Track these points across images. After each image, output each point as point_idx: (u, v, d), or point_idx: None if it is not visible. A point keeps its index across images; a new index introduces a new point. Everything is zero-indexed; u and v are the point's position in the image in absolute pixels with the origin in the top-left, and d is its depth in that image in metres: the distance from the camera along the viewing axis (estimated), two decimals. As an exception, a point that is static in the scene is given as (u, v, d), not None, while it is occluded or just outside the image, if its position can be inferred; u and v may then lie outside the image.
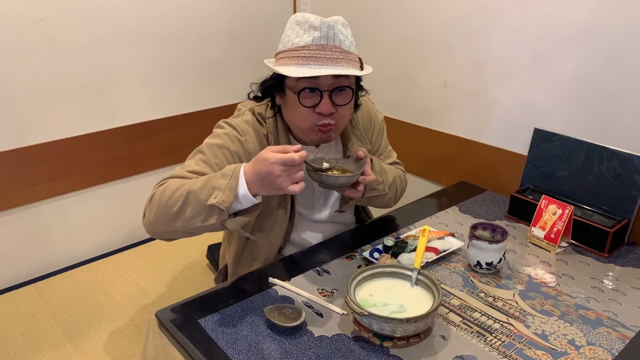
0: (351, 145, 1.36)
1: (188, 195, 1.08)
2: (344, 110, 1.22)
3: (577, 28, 1.52)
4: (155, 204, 1.12)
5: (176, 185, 1.11)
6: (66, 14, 1.83)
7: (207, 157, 1.20)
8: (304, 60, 1.14)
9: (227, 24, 2.27)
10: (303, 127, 1.23)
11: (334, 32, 1.14)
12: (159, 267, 1.99)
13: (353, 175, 1.19)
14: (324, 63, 1.14)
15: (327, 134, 1.23)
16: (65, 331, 1.64)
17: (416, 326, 1.01)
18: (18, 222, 1.92)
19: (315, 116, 1.19)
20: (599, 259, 1.36)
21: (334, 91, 1.18)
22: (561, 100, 1.61)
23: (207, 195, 1.06)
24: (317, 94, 1.17)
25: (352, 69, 1.17)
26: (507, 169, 1.78)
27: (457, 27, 1.82)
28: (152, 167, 2.21)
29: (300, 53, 1.14)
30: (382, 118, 1.48)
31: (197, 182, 1.09)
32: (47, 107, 1.87)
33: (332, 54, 1.14)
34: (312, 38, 1.14)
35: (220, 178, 1.07)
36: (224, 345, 1.03)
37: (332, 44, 1.14)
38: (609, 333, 1.08)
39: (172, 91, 2.19)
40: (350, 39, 1.19)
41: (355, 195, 1.24)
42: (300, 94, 1.17)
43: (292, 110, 1.23)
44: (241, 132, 1.25)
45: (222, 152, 1.21)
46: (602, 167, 1.49)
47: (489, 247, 1.23)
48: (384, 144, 1.50)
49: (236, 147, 1.23)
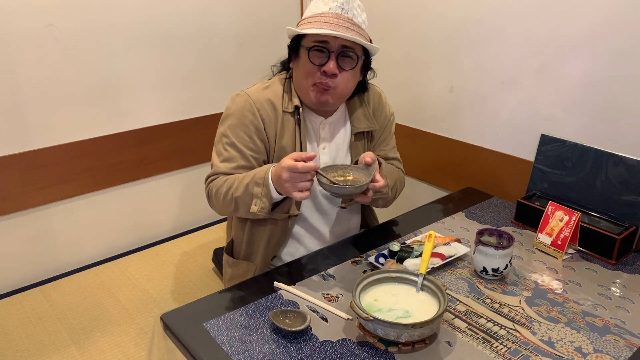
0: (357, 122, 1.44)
1: (236, 200, 1.28)
2: (346, 77, 1.31)
3: (584, 34, 1.52)
4: (214, 203, 1.36)
5: (223, 189, 1.30)
6: (75, 19, 1.84)
7: (231, 139, 1.34)
8: (319, 25, 1.26)
9: (235, 29, 2.28)
10: (304, 85, 1.32)
11: (349, 6, 1.27)
12: (164, 270, 1.99)
13: (363, 185, 1.21)
14: (335, 29, 1.24)
15: (324, 95, 1.31)
16: (71, 334, 1.64)
17: (421, 332, 1.00)
18: (26, 225, 1.93)
19: (318, 75, 1.29)
20: (606, 266, 1.35)
21: (341, 55, 1.28)
22: (568, 106, 1.60)
23: (249, 201, 1.26)
24: (326, 55, 1.28)
25: (359, 38, 1.26)
26: (513, 175, 1.77)
27: (464, 33, 1.82)
28: (160, 171, 2.22)
29: (317, 19, 1.27)
30: (392, 112, 1.55)
31: (239, 187, 1.28)
32: (56, 110, 1.89)
33: (344, 22, 1.26)
34: (329, 7, 1.27)
35: (255, 185, 1.25)
36: (229, 349, 1.03)
37: (346, 15, 1.26)
38: (616, 341, 1.07)
39: (181, 96, 2.20)
40: (363, 18, 1.31)
41: (365, 201, 1.28)
42: (310, 51, 1.28)
43: (300, 68, 1.33)
44: (253, 101, 1.35)
45: (242, 130, 1.34)
46: (610, 173, 1.48)
47: (495, 253, 1.22)
48: (390, 137, 1.55)
49: (249, 118, 1.34)
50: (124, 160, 2.09)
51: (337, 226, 1.50)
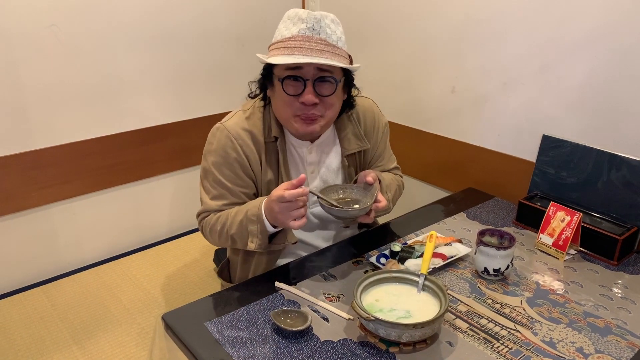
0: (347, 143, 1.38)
1: (232, 237, 1.26)
2: (330, 102, 1.23)
3: (586, 35, 1.52)
4: (211, 240, 1.34)
5: (217, 227, 1.28)
6: (77, 20, 1.85)
7: (217, 176, 1.30)
8: (290, 50, 1.17)
9: (236, 29, 2.28)
10: (285, 116, 1.25)
11: (320, 26, 1.17)
12: (166, 270, 1.99)
13: (365, 208, 1.20)
14: (307, 53, 1.16)
15: (311, 127, 1.24)
16: (72, 333, 1.65)
17: (422, 332, 1.00)
18: (27, 225, 1.93)
19: (298, 105, 1.21)
20: (607, 266, 1.35)
21: (317, 81, 1.20)
22: (570, 107, 1.60)
23: (245, 238, 1.23)
24: (301, 83, 1.19)
25: (335, 61, 1.18)
26: (515, 176, 1.77)
27: (466, 33, 1.82)
28: (161, 171, 2.22)
29: (286, 44, 1.18)
30: (385, 122, 1.48)
31: (233, 224, 1.25)
32: (58, 111, 1.89)
33: (316, 45, 1.16)
34: (298, 30, 1.17)
35: (249, 223, 1.21)
36: (230, 348, 1.03)
37: (318, 36, 1.17)
38: (617, 341, 1.07)
39: (181, 96, 2.20)
40: (338, 35, 1.21)
41: (367, 221, 1.26)
42: (284, 82, 1.20)
43: (277, 99, 1.25)
44: (233, 137, 1.29)
45: (227, 168, 1.29)
46: (611, 174, 1.48)
47: (496, 254, 1.22)
48: (386, 149, 1.50)
49: (233, 156, 1.29)
50: (125, 160, 2.10)
51: (333, 238, 1.47)
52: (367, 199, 1.24)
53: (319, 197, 1.20)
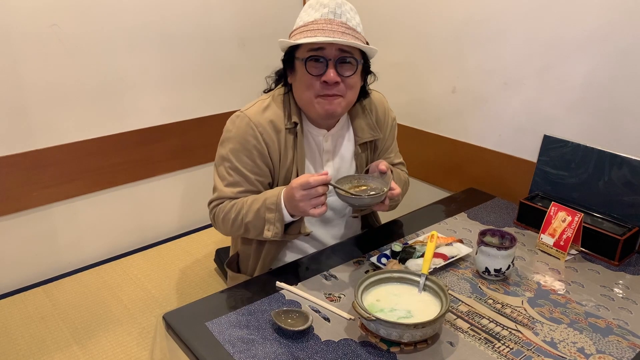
0: (361, 132, 1.40)
1: (246, 225, 1.27)
2: (350, 83, 1.26)
3: (587, 35, 1.51)
4: (221, 227, 1.34)
5: (232, 214, 1.28)
6: (79, 20, 1.85)
7: (234, 164, 1.30)
8: (312, 33, 1.20)
9: (237, 29, 2.28)
10: (307, 98, 1.27)
11: (341, 10, 1.22)
12: (167, 270, 1.99)
13: (382, 194, 1.22)
14: (330, 35, 1.19)
15: (333, 106, 1.25)
16: (73, 333, 1.65)
17: (423, 332, 1.00)
18: (28, 225, 1.94)
19: (320, 86, 1.23)
20: (609, 267, 1.35)
21: (339, 62, 1.23)
22: (571, 107, 1.60)
23: (261, 226, 1.25)
24: (323, 64, 1.22)
25: (356, 42, 1.21)
26: (516, 176, 1.77)
27: (467, 33, 1.82)
28: (162, 171, 2.22)
29: (309, 27, 1.22)
30: (394, 116, 1.52)
31: (249, 212, 1.26)
32: (59, 111, 1.89)
33: (338, 27, 1.20)
34: (320, 14, 1.22)
35: (267, 211, 1.23)
36: (231, 348, 1.03)
37: (339, 20, 1.21)
38: (619, 342, 1.07)
39: (183, 96, 2.20)
40: (357, 21, 1.26)
41: (383, 210, 1.29)
42: (307, 63, 1.23)
43: (299, 82, 1.27)
44: (254, 124, 1.30)
45: (245, 155, 1.30)
46: (612, 174, 1.48)
47: (497, 254, 1.22)
48: (394, 143, 1.53)
49: (252, 143, 1.29)
50: (126, 160, 2.10)
51: (339, 232, 1.49)
52: (382, 186, 1.26)
53: (335, 187, 1.22)
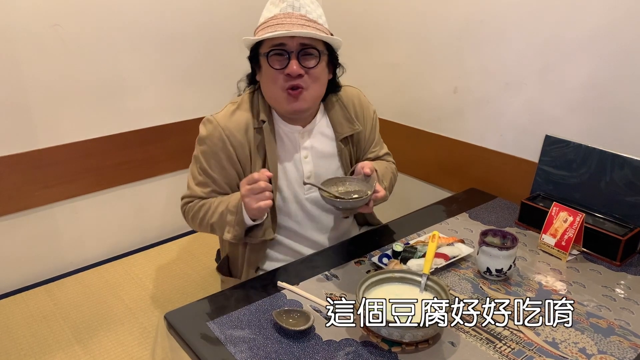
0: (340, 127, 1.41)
1: (212, 226, 1.32)
2: (314, 74, 1.26)
3: (589, 35, 1.51)
4: (191, 225, 1.39)
5: (200, 214, 1.33)
6: (81, 19, 1.85)
7: (204, 165, 1.34)
8: (272, 28, 1.22)
9: (239, 29, 2.28)
10: (274, 93, 1.28)
11: (300, 3, 1.24)
12: (168, 270, 2.00)
13: (365, 198, 1.22)
14: (289, 28, 1.20)
15: (298, 102, 1.27)
16: (74, 333, 1.65)
17: (425, 332, 1.00)
18: (30, 224, 1.94)
19: (284, 78, 1.24)
20: (610, 267, 1.35)
21: (301, 54, 1.24)
22: (572, 107, 1.60)
23: (222, 229, 1.28)
24: (285, 57, 1.24)
25: (316, 32, 1.22)
26: (517, 176, 1.77)
27: (468, 33, 1.82)
28: (164, 171, 2.23)
29: (269, 23, 1.24)
30: (374, 109, 1.52)
31: (214, 213, 1.30)
32: (61, 110, 1.89)
33: (297, 20, 1.22)
34: (279, 9, 1.24)
35: (229, 213, 1.26)
36: (232, 348, 1.03)
37: (298, 12, 1.23)
38: (620, 342, 1.07)
39: (184, 96, 2.20)
40: (318, 13, 1.27)
41: (367, 211, 1.30)
42: (269, 58, 1.25)
43: (264, 77, 1.29)
44: (222, 128, 1.32)
45: (213, 158, 1.33)
46: (614, 174, 1.47)
47: (499, 254, 1.22)
48: (377, 137, 1.53)
49: (219, 146, 1.32)
50: (128, 160, 2.10)
51: (332, 231, 1.48)
52: (366, 189, 1.27)
53: (320, 189, 1.24)
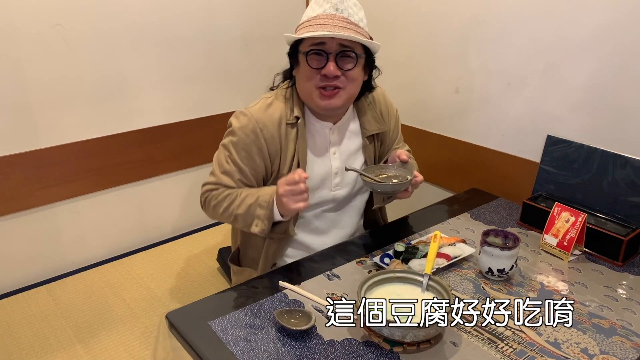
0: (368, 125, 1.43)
1: (236, 217, 1.31)
2: (351, 76, 1.28)
3: (591, 35, 1.51)
4: (210, 212, 1.38)
5: (224, 203, 1.32)
6: (82, 19, 1.85)
7: (233, 155, 1.34)
8: (314, 28, 1.23)
9: (240, 29, 2.29)
10: (308, 90, 1.30)
11: (343, 6, 1.25)
12: (169, 270, 2.00)
13: (407, 182, 1.28)
14: (330, 30, 1.22)
15: (332, 100, 1.29)
16: (76, 332, 1.65)
17: (427, 332, 1.00)
18: (31, 224, 1.94)
19: (319, 78, 1.26)
20: (612, 267, 1.35)
21: (339, 56, 1.25)
22: (574, 107, 1.60)
23: (249, 220, 1.29)
24: (324, 57, 1.25)
25: (356, 36, 1.23)
26: (519, 176, 1.77)
27: (470, 34, 1.82)
28: (165, 171, 2.23)
29: (311, 22, 1.25)
30: (396, 108, 1.56)
31: (241, 205, 1.30)
32: (62, 110, 1.90)
33: (339, 22, 1.23)
34: (323, 9, 1.25)
35: (258, 207, 1.27)
36: (234, 347, 1.03)
37: (341, 15, 1.24)
38: (622, 342, 1.07)
39: (186, 96, 2.20)
40: (360, 17, 1.28)
41: (405, 197, 1.35)
42: (308, 56, 1.26)
43: (301, 74, 1.31)
44: (255, 121, 1.32)
45: (243, 149, 1.33)
46: (616, 174, 1.47)
47: (500, 254, 1.22)
48: (399, 134, 1.58)
49: (252, 138, 1.32)
50: (129, 159, 2.10)
51: (341, 230, 1.50)
52: (405, 174, 1.32)
53: (362, 174, 1.29)
